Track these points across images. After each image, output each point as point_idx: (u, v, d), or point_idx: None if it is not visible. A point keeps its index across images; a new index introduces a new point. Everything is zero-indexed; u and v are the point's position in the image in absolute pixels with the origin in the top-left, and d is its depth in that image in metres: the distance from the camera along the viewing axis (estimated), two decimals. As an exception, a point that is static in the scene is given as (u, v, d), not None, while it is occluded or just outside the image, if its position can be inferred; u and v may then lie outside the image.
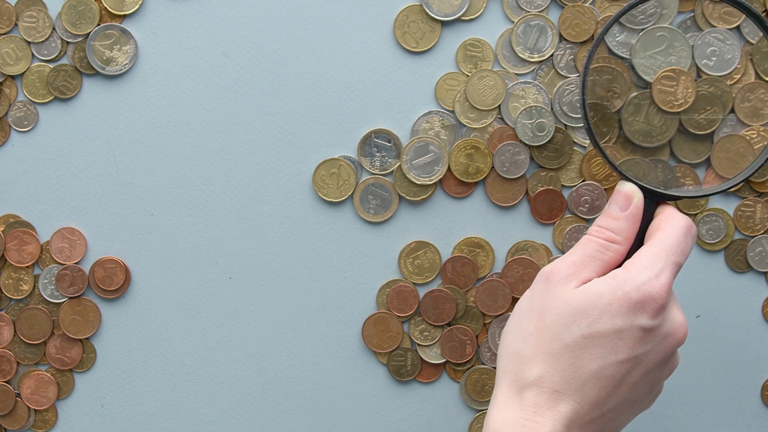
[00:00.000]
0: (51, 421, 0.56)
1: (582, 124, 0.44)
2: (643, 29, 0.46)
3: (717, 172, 0.48)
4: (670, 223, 0.42)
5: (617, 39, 0.46)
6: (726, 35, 0.44)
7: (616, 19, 0.43)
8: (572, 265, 0.42)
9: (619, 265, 0.42)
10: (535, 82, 0.53)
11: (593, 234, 0.43)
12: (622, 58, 0.47)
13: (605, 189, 0.54)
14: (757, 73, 0.44)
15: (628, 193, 0.43)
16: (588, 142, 0.53)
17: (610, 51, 0.47)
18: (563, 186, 0.54)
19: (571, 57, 0.53)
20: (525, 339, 0.41)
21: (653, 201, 0.43)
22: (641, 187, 0.43)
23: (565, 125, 0.53)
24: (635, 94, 0.47)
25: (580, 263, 0.42)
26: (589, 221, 0.54)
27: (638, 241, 0.43)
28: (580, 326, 0.40)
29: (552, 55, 0.53)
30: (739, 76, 0.45)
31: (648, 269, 0.41)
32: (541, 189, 0.53)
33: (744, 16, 0.44)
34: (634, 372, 0.41)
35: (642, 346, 0.40)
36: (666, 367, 0.42)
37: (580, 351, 0.40)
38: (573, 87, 0.53)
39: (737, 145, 0.45)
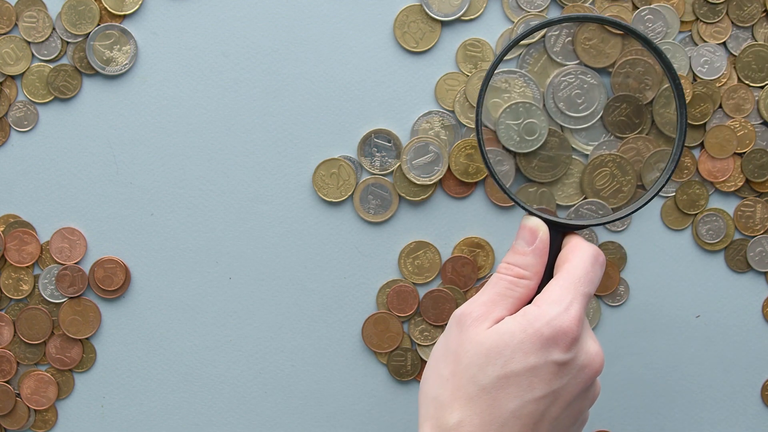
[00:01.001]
0: (51, 421, 0.56)
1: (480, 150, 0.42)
2: None
3: (709, 153, 0.53)
4: (577, 253, 0.42)
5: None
6: (715, 48, 0.53)
7: (505, 53, 0.43)
8: (483, 306, 0.42)
9: (531, 300, 0.42)
10: (522, 71, 0.50)
11: (502, 271, 0.43)
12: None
13: (613, 209, 0.50)
14: (738, 78, 0.53)
15: (533, 228, 0.43)
16: (591, 148, 0.51)
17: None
18: (558, 206, 0.53)
19: (569, 39, 0.48)
20: (442, 384, 0.41)
21: (559, 232, 0.43)
22: (546, 220, 0.43)
23: (562, 127, 0.51)
24: (666, 86, 0.49)
25: (491, 303, 0.42)
26: None
27: (548, 273, 0.43)
28: (494, 367, 0.40)
29: (544, 37, 0.48)
30: (725, 80, 0.53)
31: (557, 303, 0.41)
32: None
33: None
34: (554, 407, 0.41)
35: (558, 381, 0.40)
36: (587, 398, 0.42)
37: (496, 392, 0.40)
38: (571, 78, 0.51)
39: (724, 132, 0.53)
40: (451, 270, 0.54)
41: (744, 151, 0.54)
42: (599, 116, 0.48)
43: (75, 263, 0.55)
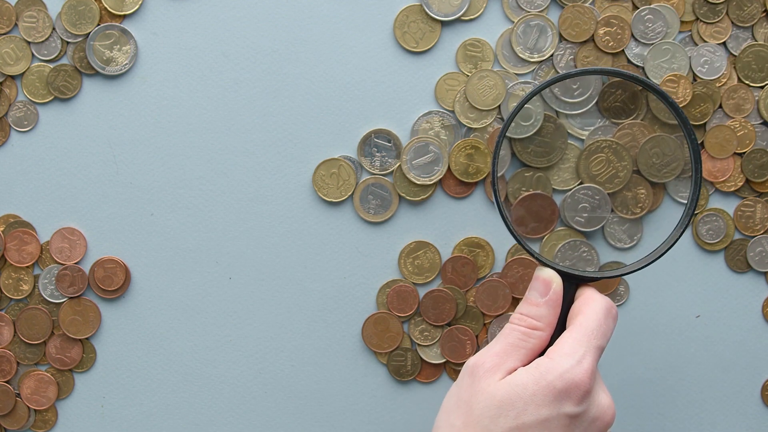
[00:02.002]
0: (51, 421, 0.56)
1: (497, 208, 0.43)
2: (653, 44, 0.53)
3: (709, 153, 0.53)
4: (590, 305, 0.43)
5: (634, 51, 0.52)
6: (715, 48, 0.53)
7: (520, 108, 0.43)
8: (496, 356, 0.42)
9: (543, 351, 0.43)
10: (535, 82, 0.53)
11: (515, 322, 0.43)
12: (636, 65, 0.53)
13: (609, 193, 0.51)
14: (738, 78, 0.53)
15: (547, 279, 0.43)
16: (586, 134, 0.51)
17: (629, 60, 0.52)
18: (555, 190, 0.53)
19: (571, 57, 0.53)
20: None
21: (572, 283, 0.44)
22: (559, 271, 0.44)
23: (557, 112, 0.52)
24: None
25: (503, 353, 0.42)
26: (587, 235, 0.53)
27: (561, 324, 0.43)
28: (507, 419, 0.40)
29: (552, 55, 0.53)
30: (725, 80, 0.53)
31: (570, 356, 0.41)
32: (526, 194, 0.49)
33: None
34: None
35: None
36: None
37: None
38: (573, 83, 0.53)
39: (724, 132, 0.53)
40: (451, 270, 0.54)
41: (744, 151, 0.54)
42: (594, 102, 0.49)
43: (75, 263, 0.55)
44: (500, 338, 0.43)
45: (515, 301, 0.54)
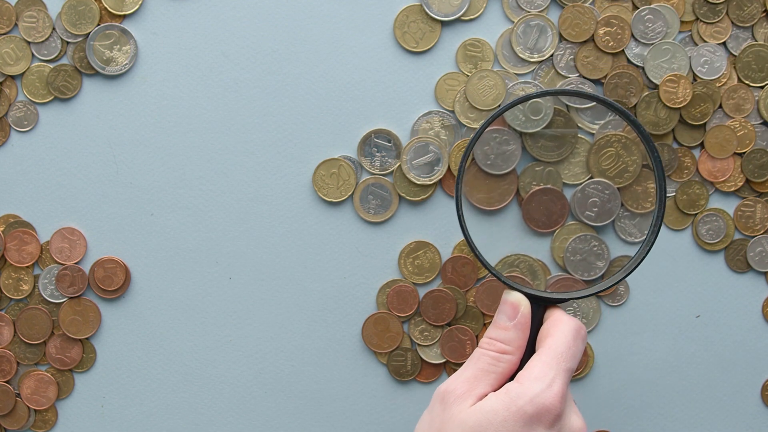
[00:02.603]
0: (51, 421, 0.56)
1: (461, 227, 0.43)
2: (653, 44, 0.53)
3: (709, 153, 0.53)
4: (559, 327, 0.43)
5: (634, 51, 0.53)
6: (715, 48, 0.53)
7: (482, 131, 0.43)
8: (466, 382, 0.42)
9: (514, 374, 0.43)
10: (535, 81, 0.53)
11: (484, 347, 0.43)
12: (636, 66, 0.53)
13: (618, 188, 0.51)
14: (738, 78, 0.53)
15: (515, 303, 0.43)
16: (596, 127, 0.52)
17: (629, 60, 0.52)
18: (565, 184, 0.53)
19: (571, 57, 0.53)
20: None
21: (540, 305, 0.44)
22: (527, 294, 0.44)
23: (568, 106, 0.52)
24: (647, 93, 0.53)
25: (474, 379, 0.42)
26: (598, 229, 0.53)
27: (530, 346, 0.43)
28: None
29: (552, 55, 0.53)
30: (725, 80, 0.53)
31: (540, 380, 0.41)
32: (537, 188, 0.50)
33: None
34: None
35: None
36: None
37: None
38: (573, 87, 0.53)
39: (724, 132, 0.53)
40: (451, 270, 0.54)
41: (744, 151, 0.54)
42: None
43: (75, 263, 0.55)
44: (470, 363, 0.43)
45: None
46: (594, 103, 0.49)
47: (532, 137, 0.48)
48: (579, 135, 0.49)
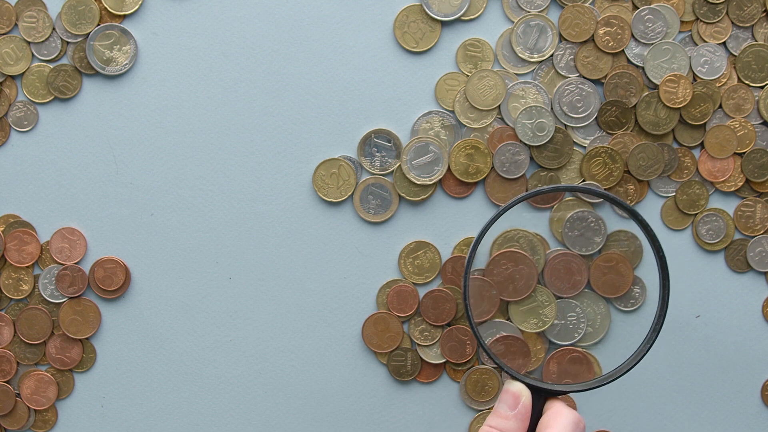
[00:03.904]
0: (51, 421, 0.56)
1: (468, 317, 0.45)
2: (653, 44, 0.54)
3: (709, 153, 0.54)
4: (558, 420, 0.43)
5: (634, 51, 0.54)
6: (715, 48, 0.54)
7: (484, 233, 0.45)
8: None
9: None
10: (535, 82, 0.53)
11: None
12: (636, 66, 0.54)
13: (606, 189, 0.54)
14: (738, 78, 0.54)
15: (516, 393, 0.44)
16: (588, 141, 0.54)
17: (629, 60, 0.54)
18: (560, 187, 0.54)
19: (571, 57, 0.53)
20: None
21: (541, 396, 0.44)
22: (528, 385, 0.44)
23: (565, 125, 0.54)
24: (647, 93, 0.54)
25: None
26: (595, 206, 0.54)
27: None
28: None
29: (552, 55, 0.53)
30: (725, 80, 0.54)
31: None
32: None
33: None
34: None
35: None
36: None
37: None
38: (573, 87, 0.53)
39: (724, 132, 0.54)
40: (451, 270, 0.54)
41: (744, 151, 0.54)
42: (594, 117, 0.54)
43: (75, 263, 0.55)
44: None
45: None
46: (601, 199, 0.54)
47: (537, 149, 0.54)
48: (574, 148, 0.54)
